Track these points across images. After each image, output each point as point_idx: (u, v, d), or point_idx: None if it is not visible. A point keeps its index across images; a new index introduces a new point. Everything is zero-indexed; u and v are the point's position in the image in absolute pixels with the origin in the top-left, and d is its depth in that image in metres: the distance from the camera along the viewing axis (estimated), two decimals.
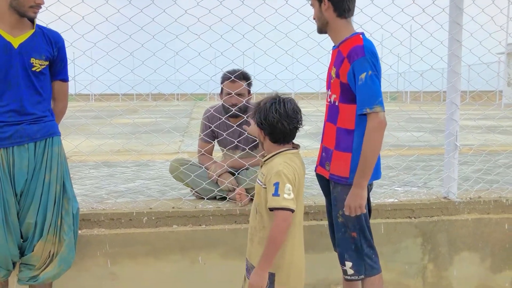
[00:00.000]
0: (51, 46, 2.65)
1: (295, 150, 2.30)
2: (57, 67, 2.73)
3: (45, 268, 2.70)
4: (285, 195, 2.11)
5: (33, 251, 2.66)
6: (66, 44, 2.96)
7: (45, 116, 2.68)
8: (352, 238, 2.54)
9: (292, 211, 2.13)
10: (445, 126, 3.62)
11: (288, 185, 2.13)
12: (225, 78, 3.54)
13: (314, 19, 2.60)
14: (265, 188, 2.20)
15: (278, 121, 2.19)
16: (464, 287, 3.56)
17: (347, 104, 2.47)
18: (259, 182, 2.28)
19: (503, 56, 25.13)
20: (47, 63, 2.64)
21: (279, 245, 2.14)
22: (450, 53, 3.50)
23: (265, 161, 2.30)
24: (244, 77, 3.53)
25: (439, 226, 3.49)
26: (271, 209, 2.15)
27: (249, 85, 3.58)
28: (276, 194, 2.12)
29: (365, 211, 2.48)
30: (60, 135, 2.78)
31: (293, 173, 2.19)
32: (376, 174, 2.55)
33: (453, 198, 3.60)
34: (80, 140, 3.44)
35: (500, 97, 24.17)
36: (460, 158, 3.75)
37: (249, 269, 2.32)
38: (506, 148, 5.59)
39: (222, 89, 3.59)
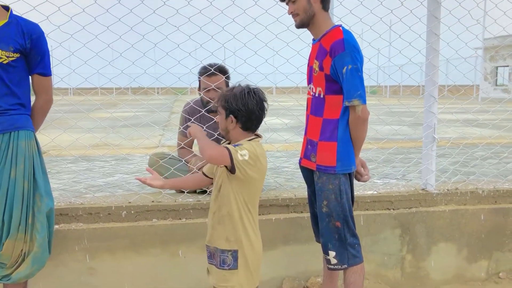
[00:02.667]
0: (23, 37, 2.53)
1: (259, 138, 2.34)
2: (33, 60, 2.61)
3: (17, 267, 2.61)
4: (239, 153, 2.16)
5: (1, 250, 2.56)
6: None
7: (12, 109, 2.57)
8: (336, 227, 2.57)
9: (233, 165, 2.15)
10: (423, 119, 3.67)
11: (245, 152, 2.18)
12: (202, 72, 3.52)
13: (291, 13, 2.59)
14: (226, 168, 2.23)
15: (256, 108, 2.26)
16: (441, 277, 3.62)
17: (333, 95, 2.52)
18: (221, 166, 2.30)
19: (480, 50, 25.57)
20: (17, 55, 2.53)
21: (203, 152, 2.21)
22: (428, 46, 3.54)
23: None
24: (221, 70, 3.51)
25: (417, 217, 3.54)
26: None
27: (227, 78, 3.55)
28: (234, 146, 2.21)
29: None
30: (30, 130, 2.65)
31: (254, 153, 2.22)
32: (350, 166, 2.58)
33: (431, 189, 3.65)
34: (57, 133, 3.38)
35: (477, 91, 24.59)
36: (438, 150, 3.80)
37: (212, 254, 2.36)
38: (482, 141, 5.69)
39: (199, 83, 3.57)
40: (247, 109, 2.24)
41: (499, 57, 33.47)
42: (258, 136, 2.35)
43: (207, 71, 3.45)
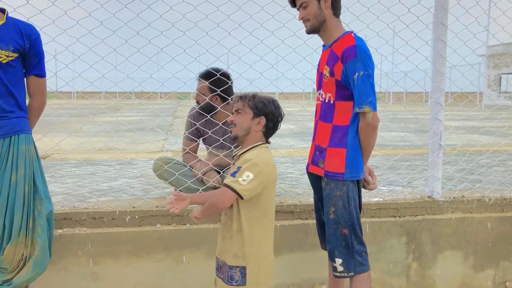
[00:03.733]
0: (22, 38, 2.54)
1: (267, 144, 2.35)
2: (31, 61, 2.62)
3: (18, 272, 2.59)
4: (240, 179, 2.14)
5: (3, 254, 2.55)
6: (48, 39, 2.89)
7: (11, 111, 2.56)
8: (343, 235, 2.54)
9: (240, 196, 2.15)
10: (429, 126, 3.64)
11: (249, 173, 2.15)
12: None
13: (302, 19, 2.58)
14: None
15: (282, 118, 2.35)
16: (447, 286, 3.58)
17: (343, 101, 2.51)
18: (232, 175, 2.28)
19: (484, 57, 25.53)
20: (16, 55, 2.53)
21: (208, 212, 2.28)
22: (435, 53, 3.52)
23: (240, 154, 2.30)
24: (206, 76, 3.53)
25: (423, 225, 3.51)
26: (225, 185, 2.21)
27: (213, 84, 3.48)
28: (233, 175, 2.18)
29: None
30: (29, 133, 2.66)
31: (264, 165, 2.21)
32: (359, 173, 2.56)
33: (437, 197, 3.62)
34: (61, 137, 3.37)
35: (481, 98, 24.54)
36: (443, 158, 3.77)
37: (220, 266, 2.32)
38: (488, 148, 5.65)
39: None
40: (278, 117, 2.31)
41: (502, 64, 33.43)
42: (268, 142, 2.36)
43: (198, 76, 3.58)
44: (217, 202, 2.21)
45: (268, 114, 2.27)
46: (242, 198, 2.16)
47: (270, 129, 2.31)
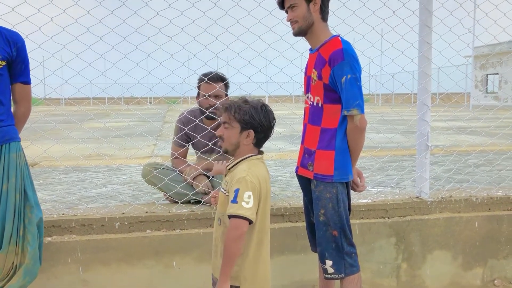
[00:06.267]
0: (9, 46, 2.54)
1: (259, 156, 2.23)
2: (17, 68, 2.62)
3: (9, 280, 2.57)
4: (243, 203, 2.01)
5: None
6: (34, 46, 2.88)
7: (1, 120, 2.55)
8: (333, 236, 2.56)
9: (249, 221, 2.04)
10: (416, 127, 3.68)
11: (248, 193, 2.03)
12: (201, 80, 3.52)
13: (290, 20, 2.60)
14: (228, 196, 2.12)
15: (273, 125, 2.20)
16: (436, 285, 3.62)
17: (331, 104, 2.52)
18: (223, 190, 2.20)
19: (470, 59, 25.82)
20: (4, 63, 2.53)
21: (234, 254, 2.03)
22: (420, 55, 3.56)
23: (229, 168, 2.21)
24: (221, 78, 3.51)
25: (412, 225, 3.54)
26: (229, 216, 2.06)
27: (226, 86, 3.55)
28: (234, 201, 2.03)
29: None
30: (19, 141, 2.65)
31: (257, 179, 2.10)
32: (347, 175, 2.58)
33: (425, 197, 3.65)
34: (49, 144, 3.35)
35: (469, 98, 24.80)
36: (431, 158, 3.81)
37: (214, 283, 2.24)
38: (475, 148, 5.72)
39: (198, 91, 3.56)
40: (268, 125, 2.16)
41: (489, 65, 33.85)
42: (260, 152, 2.25)
43: (208, 78, 3.45)
44: (230, 242, 2.01)
45: (257, 126, 2.13)
46: (251, 222, 2.04)
47: (261, 138, 2.20)
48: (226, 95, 3.57)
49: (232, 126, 2.15)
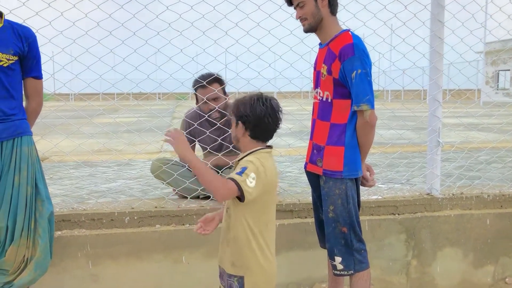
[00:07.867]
0: (21, 41, 2.56)
1: (268, 150, 2.20)
2: (29, 63, 2.64)
3: (20, 273, 2.60)
4: (248, 181, 2.01)
5: (5, 256, 2.55)
6: (44, 40, 2.90)
7: (13, 114, 2.59)
8: (342, 233, 2.54)
9: (242, 195, 2.01)
10: (427, 123, 3.64)
11: (254, 175, 2.03)
12: (195, 84, 3.49)
13: (299, 18, 2.57)
14: None
15: (265, 115, 2.11)
16: (447, 283, 3.59)
17: (341, 99, 2.50)
18: None
19: (482, 54, 25.56)
20: (16, 58, 2.55)
21: (208, 184, 2.01)
22: (432, 50, 3.52)
23: (238, 161, 2.19)
24: (215, 80, 3.48)
25: (422, 222, 3.51)
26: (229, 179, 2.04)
27: (222, 85, 3.50)
28: (239, 174, 2.02)
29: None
30: (31, 135, 2.69)
31: (263, 169, 2.08)
32: (357, 171, 2.56)
33: (436, 194, 3.62)
34: (59, 139, 3.36)
35: (479, 95, 24.56)
36: (442, 155, 3.77)
37: (221, 274, 2.24)
38: (486, 145, 5.66)
39: (196, 96, 3.55)
40: (254, 116, 2.10)
41: (500, 61, 33.49)
42: (268, 147, 2.21)
43: (200, 83, 3.42)
44: (221, 190, 1.99)
45: (242, 117, 2.11)
46: (242, 199, 2.03)
47: (254, 130, 2.13)
48: (225, 93, 3.52)
49: (232, 121, 2.20)
